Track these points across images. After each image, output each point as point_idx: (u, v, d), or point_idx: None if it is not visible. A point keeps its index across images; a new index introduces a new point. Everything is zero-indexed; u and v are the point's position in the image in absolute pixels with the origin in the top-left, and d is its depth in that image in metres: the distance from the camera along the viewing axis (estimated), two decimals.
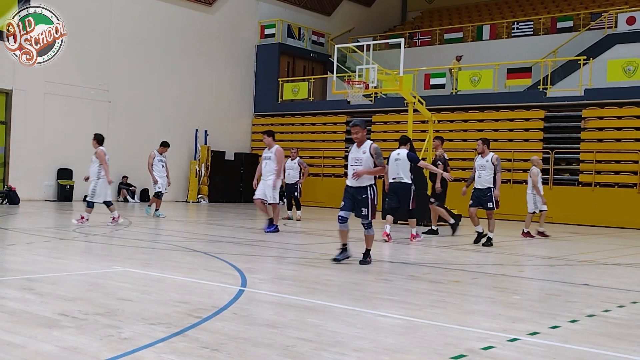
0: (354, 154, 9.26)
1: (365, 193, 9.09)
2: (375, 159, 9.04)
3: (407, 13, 37.81)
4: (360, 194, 9.12)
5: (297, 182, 18.01)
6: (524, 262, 10.60)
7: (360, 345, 4.82)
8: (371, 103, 25.90)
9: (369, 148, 9.10)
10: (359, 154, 9.16)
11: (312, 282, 7.73)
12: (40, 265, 8.50)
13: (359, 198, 9.10)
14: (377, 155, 9.05)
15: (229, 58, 28.02)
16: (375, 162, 9.04)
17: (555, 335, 5.38)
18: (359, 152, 9.17)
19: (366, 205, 9.06)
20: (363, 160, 9.08)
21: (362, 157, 9.11)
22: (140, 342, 4.65)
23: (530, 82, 23.96)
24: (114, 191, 24.06)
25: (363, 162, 9.08)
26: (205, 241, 12.15)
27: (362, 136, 9.20)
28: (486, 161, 12.83)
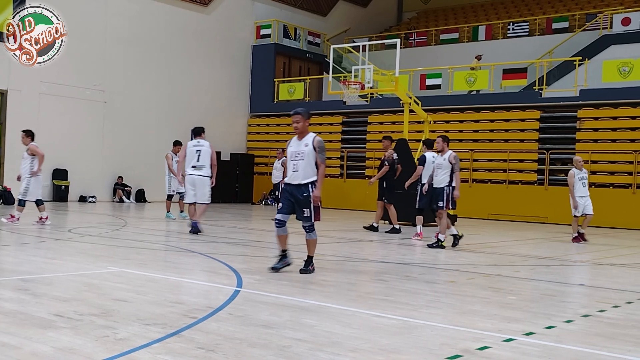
0: (294, 147, 8.24)
1: (307, 191, 8.14)
2: (318, 154, 8.11)
3: (402, 13, 37.84)
4: (300, 192, 8.16)
5: (280, 182, 17.99)
6: (519, 262, 10.62)
7: (355, 345, 4.83)
8: (367, 103, 25.91)
9: (312, 141, 8.13)
10: (300, 147, 8.18)
11: (308, 282, 7.73)
12: (36, 265, 8.49)
13: (300, 197, 8.14)
14: (321, 149, 8.14)
15: (225, 58, 28.00)
16: (318, 157, 8.11)
17: (550, 336, 5.39)
18: (301, 144, 8.18)
19: (308, 206, 8.14)
20: (305, 154, 8.11)
21: (304, 150, 8.12)
22: (136, 343, 4.64)
23: (525, 82, 24.01)
24: (109, 191, 24.07)
25: (305, 156, 8.10)
26: (200, 241, 12.13)
27: (304, 127, 8.21)
28: (444, 160, 12.27)
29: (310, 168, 8.11)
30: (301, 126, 8.18)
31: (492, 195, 22.31)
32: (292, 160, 8.20)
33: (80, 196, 23.08)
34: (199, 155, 12.76)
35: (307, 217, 8.17)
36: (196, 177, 12.80)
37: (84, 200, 22.98)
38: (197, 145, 12.89)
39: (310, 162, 8.10)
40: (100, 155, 23.74)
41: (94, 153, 23.61)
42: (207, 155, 12.78)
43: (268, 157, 28.02)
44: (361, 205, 23.63)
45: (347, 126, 26.63)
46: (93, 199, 23.16)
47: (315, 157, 8.10)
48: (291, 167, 8.17)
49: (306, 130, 8.25)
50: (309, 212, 8.14)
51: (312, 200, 8.08)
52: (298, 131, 8.21)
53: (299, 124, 8.17)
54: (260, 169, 28.07)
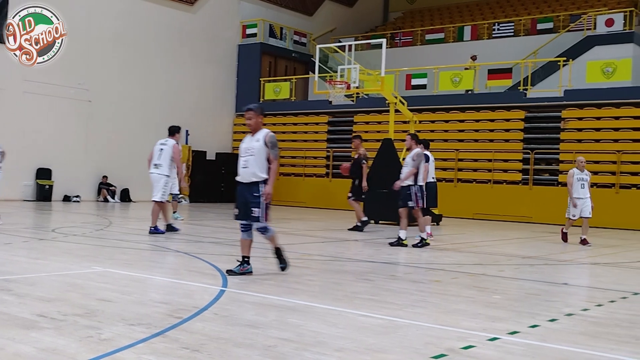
0: (245, 144, 7.95)
1: (257, 191, 7.79)
2: (269, 150, 7.80)
3: (388, 13, 37.91)
4: (251, 192, 7.80)
5: None
6: (504, 261, 10.67)
7: (341, 345, 4.83)
8: (353, 103, 25.93)
9: (264, 137, 7.84)
10: (251, 143, 7.88)
11: (294, 282, 7.72)
12: (19, 265, 8.41)
13: (249, 197, 7.79)
14: (273, 145, 7.82)
15: (211, 58, 27.92)
16: (270, 153, 7.81)
17: (534, 335, 5.42)
18: (252, 140, 7.89)
19: (257, 205, 7.76)
20: (255, 150, 7.79)
21: (255, 146, 7.82)
22: (120, 343, 4.62)
23: (510, 82, 24.15)
24: (94, 191, 23.93)
25: (255, 152, 7.79)
26: (185, 241, 12.08)
27: (257, 123, 7.91)
28: (410, 157, 12.15)
29: (260, 165, 7.79)
30: (254, 122, 7.91)
31: (477, 194, 22.40)
32: (242, 156, 7.90)
33: (65, 195, 22.93)
34: (160, 154, 12.69)
35: (255, 217, 7.77)
36: (154, 175, 12.70)
37: (68, 200, 22.83)
38: (163, 144, 12.80)
39: (261, 158, 7.77)
40: (84, 154, 23.60)
41: (78, 152, 23.46)
42: (167, 153, 12.66)
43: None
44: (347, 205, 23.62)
45: (333, 126, 26.65)
46: (77, 198, 23.01)
47: (267, 154, 7.80)
48: (241, 163, 7.87)
49: (259, 127, 7.95)
50: (258, 212, 7.76)
51: (262, 200, 7.75)
52: (251, 128, 7.94)
53: (252, 121, 7.90)
54: None
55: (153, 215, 12.68)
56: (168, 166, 12.69)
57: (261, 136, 7.85)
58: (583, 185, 13.91)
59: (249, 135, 7.99)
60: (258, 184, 7.78)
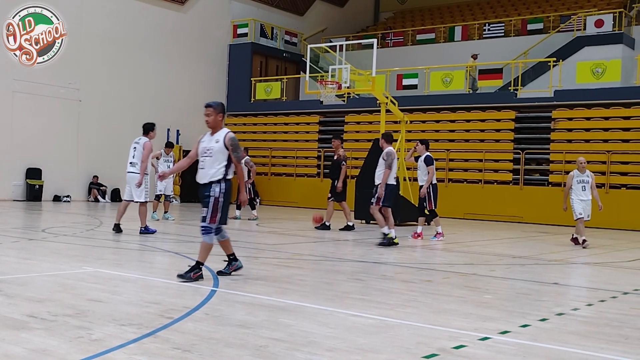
0: (205, 143, 7.61)
1: (208, 191, 7.45)
2: (230, 152, 7.48)
3: (379, 14, 37.95)
4: (204, 191, 7.51)
5: (246, 182, 17.71)
6: (495, 261, 10.70)
7: (332, 345, 4.83)
8: (344, 103, 25.95)
9: (223, 138, 7.50)
10: (210, 144, 7.54)
11: (285, 282, 7.72)
12: (9, 265, 8.37)
13: (202, 196, 7.50)
14: (234, 148, 7.49)
15: (201, 57, 27.87)
16: (232, 156, 7.49)
17: (525, 334, 5.44)
18: (212, 140, 7.55)
19: (207, 205, 7.42)
20: (213, 152, 7.47)
21: (214, 147, 7.49)
22: (111, 344, 4.60)
23: (501, 83, 24.22)
24: (84, 191, 23.84)
25: (213, 153, 7.47)
26: (176, 241, 12.06)
27: (215, 121, 7.56)
28: (381, 157, 12.30)
29: (216, 166, 7.46)
30: (212, 120, 7.55)
31: (467, 194, 22.45)
32: (201, 156, 7.63)
33: (55, 195, 22.84)
34: (134, 152, 12.59)
35: (202, 217, 7.48)
36: (129, 174, 12.61)
37: (59, 200, 22.74)
38: (136, 142, 12.69)
39: (218, 159, 7.46)
40: (75, 154, 23.51)
41: (68, 152, 23.36)
42: (139, 152, 12.58)
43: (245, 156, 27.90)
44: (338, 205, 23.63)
45: (324, 126, 26.64)
46: (68, 198, 22.92)
47: (227, 155, 7.48)
48: (200, 164, 7.60)
49: (219, 126, 7.60)
50: (205, 212, 7.43)
51: (212, 201, 7.40)
52: (209, 125, 7.59)
53: (210, 118, 7.55)
54: None
55: (141, 216, 12.65)
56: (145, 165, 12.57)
57: (221, 137, 7.52)
58: (584, 188, 13.47)
59: (207, 134, 7.66)
60: (212, 184, 7.46)
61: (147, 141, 12.55)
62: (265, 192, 26.95)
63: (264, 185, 27.05)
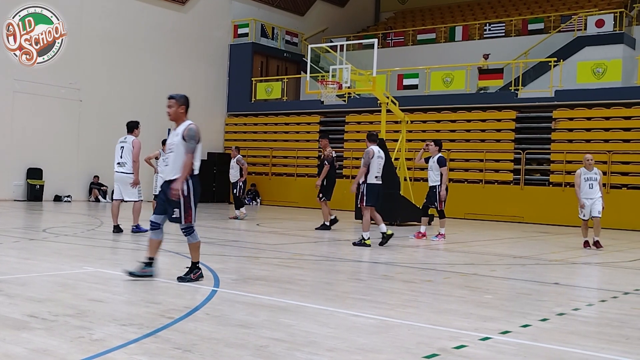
0: (169, 139, 7.31)
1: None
2: (186, 143, 7.09)
3: (380, 14, 37.94)
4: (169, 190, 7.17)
5: (239, 180, 17.72)
6: (496, 261, 10.70)
7: (333, 345, 4.83)
8: (344, 103, 25.94)
9: (182, 131, 7.14)
10: (173, 139, 7.22)
11: (285, 282, 7.72)
12: (9, 266, 8.37)
13: (169, 195, 7.16)
14: (189, 137, 7.07)
15: (202, 57, 27.87)
16: (185, 146, 7.10)
17: (526, 334, 5.44)
18: (173, 136, 7.23)
19: (177, 205, 7.11)
20: (174, 146, 7.16)
21: (175, 142, 7.17)
22: (112, 344, 4.60)
23: (502, 83, 24.20)
24: (85, 191, 23.84)
25: (175, 147, 7.16)
26: (176, 241, 12.05)
27: (176, 113, 7.22)
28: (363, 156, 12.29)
29: (179, 161, 7.12)
30: (173, 112, 7.21)
31: (468, 194, 22.45)
32: (167, 153, 7.41)
33: (56, 195, 22.85)
34: (122, 152, 12.55)
35: (176, 218, 7.16)
36: (118, 174, 12.58)
37: (59, 200, 22.74)
38: (122, 141, 12.65)
39: (180, 154, 7.10)
40: (75, 154, 23.51)
41: (69, 152, 23.37)
42: (128, 151, 12.50)
43: (245, 156, 27.90)
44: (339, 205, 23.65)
45: (325, 126, 26.64)
46: (68, 198, 22.93)
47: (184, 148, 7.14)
48: (164, 161, 7.29)
49: (180, 118, 7.24)
50: (179, 213, 7.13)
51: (183, 200, 7.09)
52: (170, 118, 7.26)
53: (171, 110, 7.21)
54: None
55: (134, 214, 12.66)
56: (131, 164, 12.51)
57: (180, 130, 7.18)
58: (591, 185, 13.06)
59: (172, 130, 7.38)
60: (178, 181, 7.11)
61: (135, 139, 12.49)
62: (265, 192, 26.96)
63: (265, 185, 27.06)
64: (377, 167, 12.04)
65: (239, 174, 17.61)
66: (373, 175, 11.99)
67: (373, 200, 12.03)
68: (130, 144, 12.43)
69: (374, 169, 12.01)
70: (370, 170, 11.97)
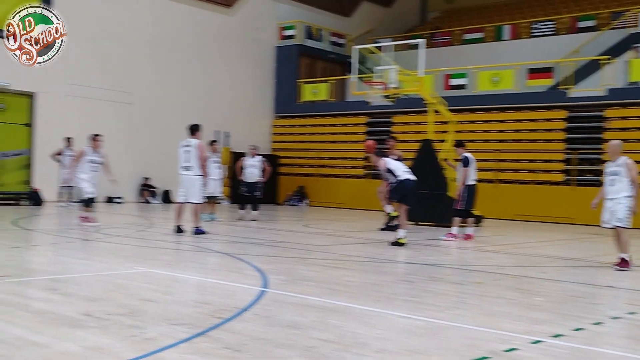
0: None
1: None
2: None
3: (427, 13, 37.68)
4: None
5: (259, 181, 17.18)
6: (546, 263, 10.52)
7: (381, 346, 4.81)
8: (391, 104, 25.84)
9: None
10: None
11: (334, 283, 7.73)
12: (65, 266, 8.58)
13: None
14: None
15: (248, 60, 28.10)
16: None
17: (579, 338, 5.33)
18: None
19: None
20: None
21: None
22: (163, 343, 4.67)
23: (551, 82, 23.77)
24: (136, 192, 24.27)
25: None
26: (226, 242, 12.19)
27: None
28: None
29: None
30: None
31: (518, 195, 22.13)
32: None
33: (107, 197, 23.30)
34: (186, 155, 12.73)
35: None
36: (184, 177, 12.76)
37: (111, 201, 23.20)
38: (186, 145, 12.83)
39: None
40: (126, 156, 23.93)
41: (120, 154, 23.76)
42: (194, 155, 12.71)
43: (293, 157, 28.08)
44: None
45: (372, 127, 26.58)
46: (120, 199, 23.36)
47: None
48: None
49: None
50: None
51: None
52: None
53: None
54: (284, 170, 28.13)
55: (195, 216, 12.82)
56: (199, 166, 12.77)
57: None
58: (612, 182, 9.83)
59: None
60: None
61: (199, 142, 12.75)
62: (313, 193, 27.03)
63: (312, 186, 27.13)
64: (402, 167, 12.19)
65: (260, 175, 17.18)
66: (402, 171, 12.11)
67: (399, 196, 12.12)
68: (194, 147, 12.68)
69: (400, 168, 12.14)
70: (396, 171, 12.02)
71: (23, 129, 21.59)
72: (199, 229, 12.72)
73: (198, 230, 12.69)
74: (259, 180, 17.19)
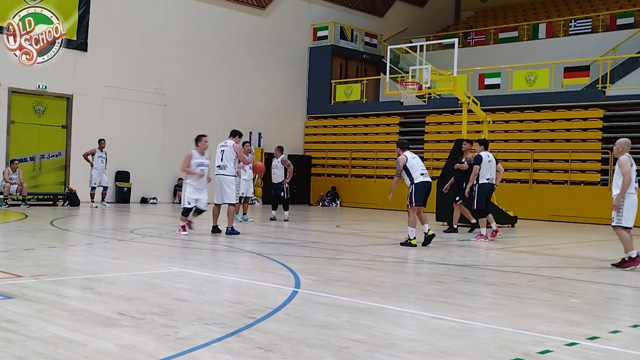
0: None
1: None
2: None
3: (460, 12, 37.40)
4: None
5: (283, 181, 17.08)
6: (582, 264, 10.36)
7: (414, 347, 4.79)
8: (425, 104, 25.71)
9: None
10: None
11: (366, 283, 7.71)
12: (100, 265, 8.71)
13: None
14: None
15: (282, 60, 28.20)
16: None
17: (615, 340, 5.24)
18: None
19: None
20: None
21: None
22: (196, 342, 4.71)
23: (588, 80, 23.40)
24: (170, 193, 24.51)
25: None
26: (258, 242, 12.25)
27: None
28: None
29: None
30: None
31: (553, 196, 21.84)
32: None
33: (142, 197, 23.59)
34: (222, 155, 12.94)
35: None
36: (220, 177, 12.94)
37: (145, 202, 23.47)
38: (223, 145, 13.09)
39: None
40: (160, 157, 24.22)
41: (154, 155, 24.10)
42: (228, 154, 12.86)
43: (325, 158, 28.11)
44: None
45: (405, 127, 26.48)
46: (154, 200, 23.63)
47: None
48: None
49: None
50: None
51: None
52: None
53: None
54: (317, 170, 28.18)
55: (229, 216, 12.97)
56: (233, 167, 12.97)
57: None
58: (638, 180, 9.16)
59: None
60: None
61: (235, 144, 13.03)
62: (345, 193, 27.02)
63: (344, 187, 27.12)
64: (420, 168, 12.08)
65: (284, 175, 17.12)
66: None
67: (418, 199, 11.99)
68: (230, 148, 12.95)
69: (417, 169, 12.05)
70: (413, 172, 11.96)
71: (60, 130, 21.99)
72: (232, 229, 12.84)
73: (231, 230, 12.81)
74: (282, 181, 17.12)
